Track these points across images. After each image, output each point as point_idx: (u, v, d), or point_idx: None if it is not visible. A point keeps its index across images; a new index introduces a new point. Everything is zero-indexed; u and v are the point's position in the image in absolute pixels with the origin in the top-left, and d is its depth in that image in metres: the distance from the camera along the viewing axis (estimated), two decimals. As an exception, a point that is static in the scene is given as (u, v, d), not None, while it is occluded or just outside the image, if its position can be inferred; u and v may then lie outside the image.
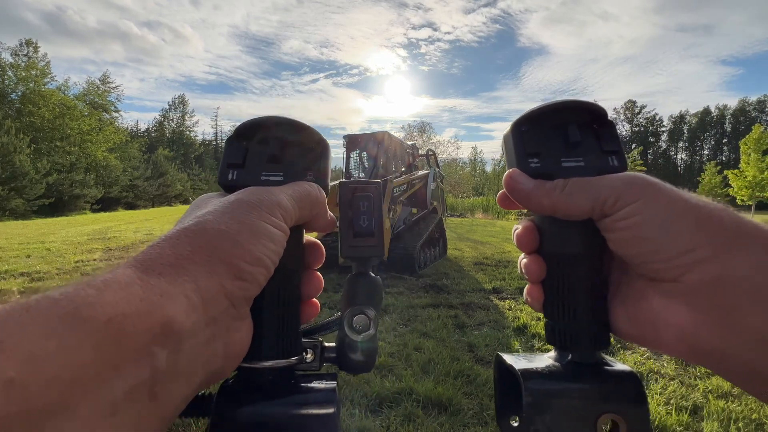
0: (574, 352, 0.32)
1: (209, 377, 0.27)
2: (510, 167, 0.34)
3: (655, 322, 0.29)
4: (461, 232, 12.86)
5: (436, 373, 2.74)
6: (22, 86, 30.20)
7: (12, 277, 5.43)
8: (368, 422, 2.18)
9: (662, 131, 65.89)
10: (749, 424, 2.22)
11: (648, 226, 0.28)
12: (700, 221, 0.27)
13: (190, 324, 0.24)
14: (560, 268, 0.32)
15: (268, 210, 0.29)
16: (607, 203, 0.29)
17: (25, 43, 31.32)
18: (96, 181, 30.52)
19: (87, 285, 0.21)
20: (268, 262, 0.28)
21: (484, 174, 61.37)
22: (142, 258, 0.25)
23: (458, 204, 30.53)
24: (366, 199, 0.36)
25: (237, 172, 0.34)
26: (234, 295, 0.27)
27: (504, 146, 0.36)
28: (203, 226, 0.27)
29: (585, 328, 0.31)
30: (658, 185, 0.29)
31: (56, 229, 12.04)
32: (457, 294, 4.88)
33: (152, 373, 0.21)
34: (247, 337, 0.29)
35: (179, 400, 0.24)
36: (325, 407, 0.30)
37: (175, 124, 51.69)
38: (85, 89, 35.32)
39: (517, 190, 0.32)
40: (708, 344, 0.27)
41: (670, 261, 0.27)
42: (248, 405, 0.29)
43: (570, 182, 0.31)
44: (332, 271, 5.33)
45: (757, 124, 27.14)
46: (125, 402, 0.20)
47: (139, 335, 0.21)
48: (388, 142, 7.52)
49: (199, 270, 0.25)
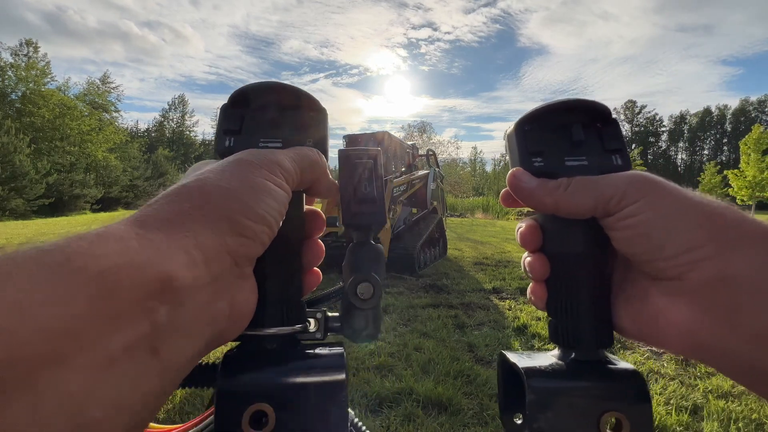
0: (578, 350, 0.32)
1: (215, 337, 0.26)
2: (513, 166, 0.34)
3: (657, 319, 0.29)
4: (461, 232, 12.86)
5: (436, 373, 2.74)
6: (22, 86, 30.21)
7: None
8: (368, 422, 2.18)
9: (662, 131, 65.91)
10: (749, 424, 2.22)
11: (651, 224, 0.28)
12: (703, 219, 0.27)
13: (191, 280, 0.23)
14: (564, 266, 0.32)
15: (269, 169, 0.28)
16: (611, 202, 0.29)
17: (25, 43, 31.35)
18: (96, 181, 30.51)
19: (78, 238, 0.20)
20: (270, 220, 0.28)
21: (484, 174, 61.41)
22: (139, 214, 0.24)
23: (458, 204, 30.55)
24: (365, 166, 0.35)
25: (234, 139, 0.33)
26: (237, 253, 0.26)
27: (507, 145, 0.36)
28: (203, 182, 0.26)
29: (588, 326, 0.31)
30: (662, 183, 0.29)
31: (56, 229, 12.04)
32: (457, 294, 4.89)
33: (152, 328, 0.21)
34: (251, 298, 0.28)
35: (183, 359, 0.23)
36: (334, 373, 0.29)
37: (175, 124, 51.65)
38: (85, 89, 35.33)
39: (520, 188, 0.32)
40: (710, 342, 0.27)
41: (674, 259, 0.27)
42: (254, 372, 0.29)
43: (573, 181, 0.31)
44: (332, 270, 5.33)
45: (757, 124, 27.14)
46: (124, 355, 0.19)
47: (135, 289, 0.20)
48: (388, 142, 7.53)
49: (200, 226, 0.24)
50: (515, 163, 0.34)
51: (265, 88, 0.34)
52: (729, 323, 0.26)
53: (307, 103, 0.35)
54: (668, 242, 0.27)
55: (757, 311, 0.25)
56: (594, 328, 0.32)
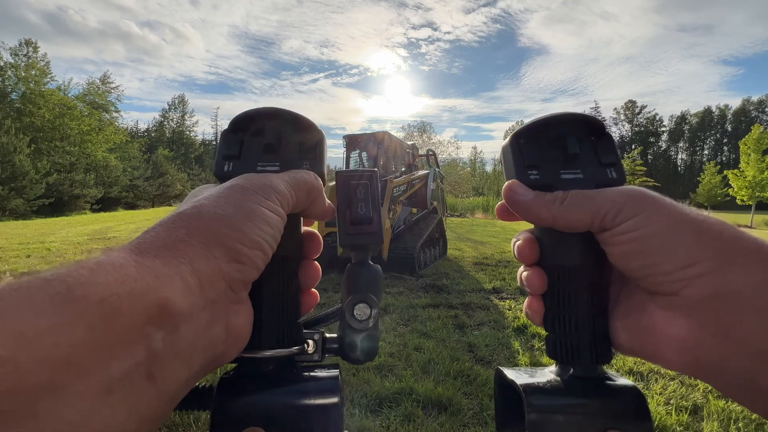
0: (577, 366, 0.32)
1: (211, 361, 0.26)
2: (509, 178, 0.34)
3: (654, 334, 0.29)
4: (461, 232, 12.86)
5: (436, 373, 2.74)
6: (22, 86, 30.19)
7: (12, 277, 5.42)
8: (368, 422, 2.18)
9: (662, 131, 65.89)
10: (749, 424, 2.22)
11: (648, 240, 0.28)
12: (700, 235, 0.27)
13: (187, 306, 0.23)
14: (561, 280, 0.32)
15: (264, 194, 0.29)
16: (608, 217, 0.29)
17: (24, 43, 31.33)
18: (96, 181, 30.51)
19: (79, 266, 0.21)
20: (265, 246, 0.28)
21: (484, 174, 61.39)
22: (137, 242, 0.25)
23: (458, 204, 30.53)
24: (362, 186, 0.36)
25: (233, 163, 0.34)
26: (232, 278, 0.26)
27: (503, 158, 0.36)
28: (199, 210, 0.27)
29: (587, 341, 0.31)
30: (658, 199, 0.29)
31: (56, 229, 12.04)
32: (457, 294, 4.89)
33: (149, 354, 0.21)
34: (247, 322, 0.29)
35: (179, 384, 0.24)
36: (328, 397, 0.29)
37: (175, 124, 51.66)
38: (86, 89, 35.33)
39: (517, 201, 0.32)
40: (708, 358, 0.26)
41: (671, 275, 0.27)
42: (249, 395, 0.29)
43: (570, 194, 0.31)
44: (332, 270, 5.33)
45: (757, 124, 27.13)
46: (121, 382, 0.20)
47: (133, 316, 0.21)
48: (388, 142, 7.52)
49: (196, 252, 0.25)
50: (511, 176, 0.34)
51: (263, 114, 0.35)
52: (728, 339, 0.25)
53: (303, 127, 0.36)
54: (665, 258, 0.27)
55: (756, 327, 0.25)
56: (593, 343, 0.31)
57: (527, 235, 0.34)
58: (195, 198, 0.29)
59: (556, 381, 0.31)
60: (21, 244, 8.45)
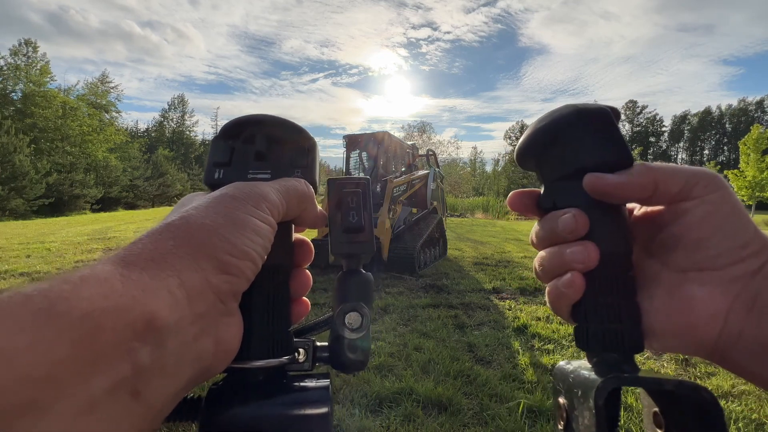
0: (618, 354, 0.30)
1: (199, 374, 0.26)
2: (572, 166, 0.32)
3: (690, 312, 0.30)
4: (461, 232, 12.87)
5: (436, 373, 2.74)
6: (22, 86, 30.22)
7: (12, 277, 5.43)
8: (368, 422, 2.18)
9: (663, 131, 65.95)
10: (749, 424, 2.22)
11: (727, 215, 0.30)
12: (751, 221, 0.30)
13: (175, 319, 0.23)
14: (612, 259, 0.31)
15: (253, 203, 0.29)
16: (698, 186, 0.30)
17: (24, 43, 31.35)
18: (96, 181, 30.53)
19: (63, 281, 0.21)
20: (254, 256, 0.28)
21: (484, 174, 61.43)
22: (123, 254, 0.24)
23: (458, 204, 30.55)
24: (354, 195, 0.35)
25: (223, 171, 0.33)
26: (220, 290, 0.26)
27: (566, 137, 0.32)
28: (186, 220, 0.27)
29: (631, 328, 0.30)
30: (726, 182, 0.31)
31: (56, 229, 12.05)
32: (457, 294, 4.89)
33: (134, 370, 0.21)
34: (237, 333, 0.29)
35: (166, 398, 0.23)
36: (317, 407, 0.29)
37: (175, 124, 51.64)
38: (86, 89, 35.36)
39: (609, 183, 0.30)
40: (732, 328, 0.28)
41: (731, 252, 0.29)
42: (238, 406, 0.28)
43: (657, 163, 0.31)
44: (332, 270, 5.33)
45: (756, 124, 27.16)
46: (105, 399, 0.19)
47: (118, 331, 0.20)
48: (388, 142, 7.53)
49: (183, 264, 0.25)
50: (585, 162, 0.31)
51: (254, 121, 0.35)
52: (754, 308, 0.28)
53: (295, 134, 0.35)
54: (731, 235, 0.29)
55: None
56: (636, 330, 0.30)
57: (574, 210, 0.31)
58: (183, 208, 0.29)
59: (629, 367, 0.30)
60: (21, 244, 8.45)
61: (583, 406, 0.27)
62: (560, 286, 0.31)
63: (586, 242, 0.31)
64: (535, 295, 4.87)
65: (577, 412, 0.28)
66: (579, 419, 0.28)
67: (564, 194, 0.33)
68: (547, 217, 0.33)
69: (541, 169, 0.34)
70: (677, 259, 0.31)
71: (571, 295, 0.31)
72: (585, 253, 0.30)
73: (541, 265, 0.33)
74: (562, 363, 0.33)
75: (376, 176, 7.05)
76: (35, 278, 5.41)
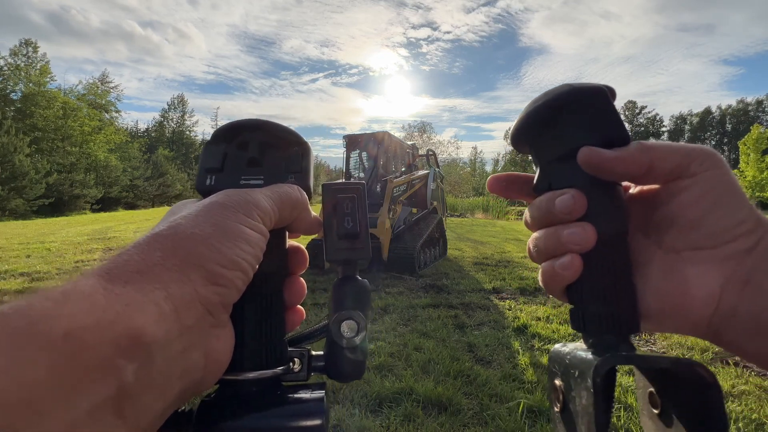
0: (615, 336, 0.30)
1: (188, 389, 0.25)
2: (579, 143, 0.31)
3: (685, 291, 0.29)
4: (461, 232, 12.86)
5: (436, 373, 2.74)
6: (22, 86, 30.21)
7: (12, 277, 5.43)
8: (368, 422, 2.18)
9: (663, 131, 65.92)
10: (749, 424, 2.22)
11: (724, 192, 0.29)
12: (744, 196, 0.30)
13: (162, 334, 0.22)
14: (611, 240, 0.30)
15: (244, 212, 0.28)
16: (695, 163, 0.29)
17: (24, 43, 31.34)
18: (96, 181, 30.52)
19: (43, 298, 0.20)
20: (245, 265, 0.27)
21: (484, 174, 61.37)
22: (108, 266, 0.23)
23: (458, 204, 30.52)
24: (349, 200, 0.35)
25: (215, 177, 0.32)
26: (210, 301, 0.25)
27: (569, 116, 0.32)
28: (175, 230, 0.26)
29: (628, 308, 0.30)
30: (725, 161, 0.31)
31: (56, 229, 12.05)
32: (457, 294, 4.89)
33: (118, 389, 0.20)
34: (228, 345, 0.28)
35: (153, 416, 0.22)
36: (311, 419, 0.28)
37: (175, 124, 51.58)
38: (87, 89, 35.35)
39: (606, 158, 0.30)
40: (725, 305, 0.28)
41: (729, 229, 0.29)
42: (230, 420, 0.28)
43: (656, 142, 0.31)
44: (332, 271, 5.33)
45: (756, 125, 27.16)
46: (87, 420, 0.18)
47: (101, 348, 0.19)
48: (388, 142, 7.53)
49: (171, 276, 0.24)
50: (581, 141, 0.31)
51: (247, 125, 0.34)
52: (748, 284, 0.28)
53: (288, 139, 0.35)
54: (729, 212, 0.29)
55: None
56: (630, 312, 0.30)
57: (572, 190, 0.31)
58: (173, 216, 0.28)
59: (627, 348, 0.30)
60: (21, 244, 8.45)
61: (581, 387, 0.27)
62: (557, 268, 0.31)
63: (584, 223, 0.30)
64: (535, 295, 4.87)
65: (574, 392, 0.28)
66: (576, 400, 0.27)
67: (560, 175, 0.32)
68: (543, 198, 0.32)
69: (537, 150, 0.34)
70: (672, 239, 0.30)
71: (568, 276, 0.30)
72: (583, 235, 0.30)
73: (536, 246, 0.33)
74: (558, 345, 0.32)
75: (376, 176, 7.05)
76: (35, 278, 5.41)
